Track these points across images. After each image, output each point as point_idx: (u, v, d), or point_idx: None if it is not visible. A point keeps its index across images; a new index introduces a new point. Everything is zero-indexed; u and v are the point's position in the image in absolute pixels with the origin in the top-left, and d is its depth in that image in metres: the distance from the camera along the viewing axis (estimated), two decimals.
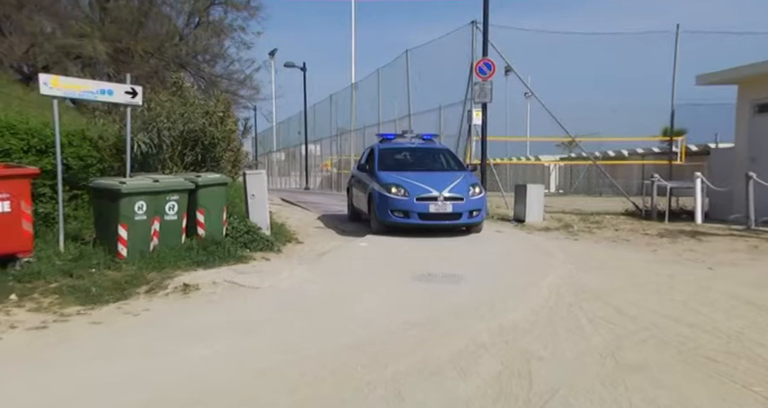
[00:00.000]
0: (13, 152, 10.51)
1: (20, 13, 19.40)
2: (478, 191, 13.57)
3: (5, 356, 6.07)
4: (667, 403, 4.68)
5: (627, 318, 7.13)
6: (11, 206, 8.77)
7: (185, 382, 5.35)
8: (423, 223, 12.91)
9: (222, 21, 23.52)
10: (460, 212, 12.95)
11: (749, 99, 17.60)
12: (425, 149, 16.30)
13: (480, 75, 18.28)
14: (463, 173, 14.30)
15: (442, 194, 12.88)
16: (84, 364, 5.82)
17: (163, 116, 12.03)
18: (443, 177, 13.85)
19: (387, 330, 6.77)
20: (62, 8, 21.02)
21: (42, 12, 20.15)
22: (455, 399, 4.76)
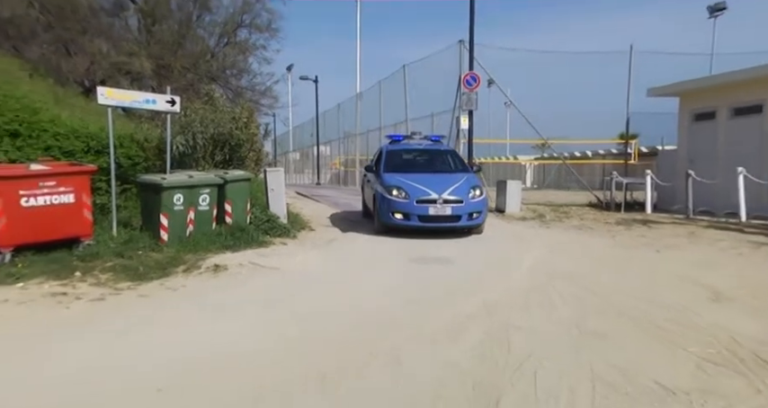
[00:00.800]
0: (76, 152, 10.56)
1: (83, 37, 19.63)
2: (479, 194, 11.93)
3: (72, 322, 6.23)
4: (622, 363, 4.78)
5: (590, 294, 7.23)
6: (75, 197, 8.87)
7: (217, 346, 5.46)
8: (422, 225, 11.48)
9: (247, 41, 23.64)
10: (460, 215, 11.47)
11: (689, 109, 17.84)
12: (431, 151, 14.44)
13: (467, 87, 18.30)
14: (466, 175, 12.68)
15: (441, 197, 11.44)
16: (134, 329, 5.96)
17: (197, 121, 12.11)
18: (446, 179, 12.26)
19: (388, 305, 6.85)
20: (116, 32, 21.19)
21: (100, 35, 20.33)
22: (446, 362, 4.86)
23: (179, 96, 11.03)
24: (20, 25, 18.64)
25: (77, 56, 19.82)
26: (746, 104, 15.83)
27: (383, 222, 12.00)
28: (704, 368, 4.69)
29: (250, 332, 5.89)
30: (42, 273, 7.91)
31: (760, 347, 5.17)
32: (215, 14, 23.29)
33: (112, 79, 17.89)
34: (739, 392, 4.24)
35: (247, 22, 23.43)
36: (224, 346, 5.45)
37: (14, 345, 5.51)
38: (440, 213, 11.37)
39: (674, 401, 4.09)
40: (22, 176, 8.55)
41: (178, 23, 22.08)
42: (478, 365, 4.76)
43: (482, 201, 11.95)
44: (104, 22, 21.37)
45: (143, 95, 10.95)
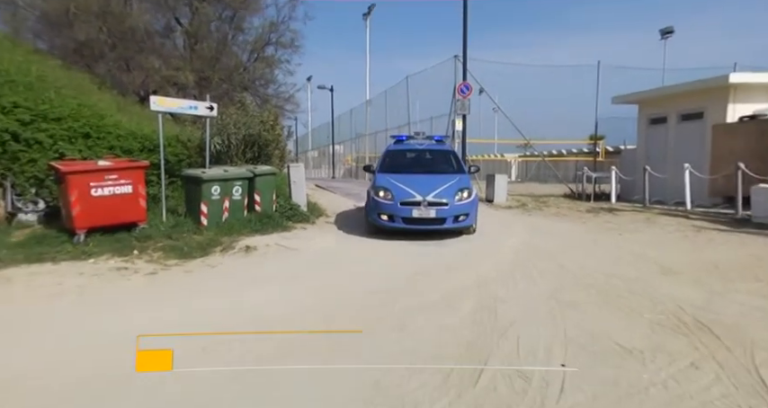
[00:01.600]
0: (133, 150, 10.59)
1: (140, 56, 19.78)
2: (466, 196, 9.85)
3: (132, 292, 6.37)
4: (590, 326, 4.86)
5: (564, 270, 7.27)
6: (132, 188, 8.92)
7: (251, 313, 5.55)
8: (406, 227, 9.58)
9: (273, 56, 23.53)
10: (444, 217, 9.51)
11: (645, 115, 17.80)
12: (431, 151, 12.13)
13: (461, 94, 18.23)
14: (458, 177, 10.50)
15: (426, 199, 9.47)
16: (183, 299, 6.07)
17: (231, 124, 12.11)
18: (436, 180, 10.14)
19: (394, 279, 6.89)
20: (166, 50, 21.28)
21: (153, 53, 20.42)
22: (443, 326, 4.92)
23: (216, 103, 11.06)
24: (92, 47, 18.87)
25: (135, 71, 19.93)
26: (691, 111, 15.85)
27: (371, 222, 10.24)
28: (655, 331, 4.75)
29: (278, 300, 5.99)
30: (108, 251, 8.04)
31: (699, 312, 5.24)
32: (247, 34, 23.32)
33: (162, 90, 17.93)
34: (682, 350, 4.31)
35: (274, 41, 23.38)
36: (257, 311, 5.55)
37: (91, 308, 5.71)
38: (423, 215, 9.48)
39: (630, 357, 4.15)
40: (92, 171, 8.63)
41: (216, 42, 22.06)
42: (471, 329, 4.81)
43: (470, 204, 9.84)
44: (157, 43, 21.42)
45: (187, 102, 10.97)
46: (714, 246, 9.05)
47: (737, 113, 14.47)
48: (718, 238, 9.75)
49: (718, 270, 7.24)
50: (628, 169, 17.57)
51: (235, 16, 22.42)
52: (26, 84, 10.20)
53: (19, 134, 9.29)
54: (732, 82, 14.34)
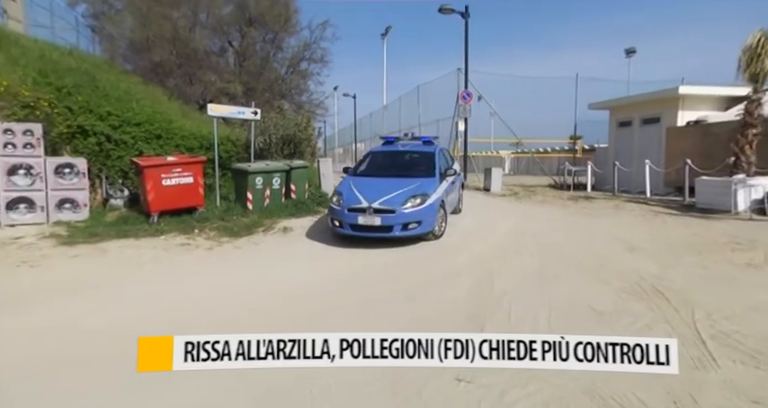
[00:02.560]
0: (194, 148, 10.65)
1: (200, 72, 19.95)
2: (419, 203, 7.42)
3: (194, 264, 6.43)
4: (569, 293, 4.86)
5: (548, 248, 7.16)
6: (193, 179, 9.03)
7: (289, 283, 5.62)
8: (354, 234, 7.40)
9: (306, 70, 23.43)
10: (391, 225, 7.22)
11: (615, 119, 17.48)
12: (411, 153, 9.43)
13: (463, 100, 18.03)
14: (421, 181, 7.98)
15: (371, 205, 7.29)
16: (235, 270, 6.17)
17: (271, 126, 12.12)
18: (396, 185, 7.80)
19: (401, 258, 6.80)
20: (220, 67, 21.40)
21: (210, 69, 20.52)
22: (446, 298, 4.90)
23: (260, 109, 11.11)
24: (164, 66, 19.09)
25: (196, 84, 20.01)
26: (650, 116, 15.62)
27: (331, 228, 7.94)
28: (621, 297, 4.72)
29: (311, 274, 6.01)
30: (175, 230, 8.15)
31: (657, 281, 5.20)
32: (285, 52, 23.22)
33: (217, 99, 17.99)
34: (641, 311, 4.31)
35: (307, 57, 23.27)
36: (294, 283, 5.58)
37: (165, 277, 5.81)
38: (368, 223, 7.27)
39: (601, 318, 4.14)
40: (163, 165, 8.74)
41: (260, 59, 22.04)
42: (469, 301, 4.77)
43: (422, 211, 7.40)
44: (213, 61, 21.46)
45: (236, 109, 10.99)
46: (667, 227, 8.93)
47: (686, 119, 14.43)
48: (669, 221, 9.62)
49: (671, 246, 7.16)
50: (601, 164, 17.32)
51: (275, 38, 22.35)
52: (117, 96, 10.32)
53: (111, 136, 9.44)
54: (681, 93, 14.29)
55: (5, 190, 7.82)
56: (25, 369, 3.26)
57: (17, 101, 8.45)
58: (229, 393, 2.88)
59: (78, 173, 8.49)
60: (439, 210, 7.70)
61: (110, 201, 9.36)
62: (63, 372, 3.20)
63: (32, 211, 8.00)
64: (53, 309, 4.50)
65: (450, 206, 8.90)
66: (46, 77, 9.33)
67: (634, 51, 33.38)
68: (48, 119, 8.60)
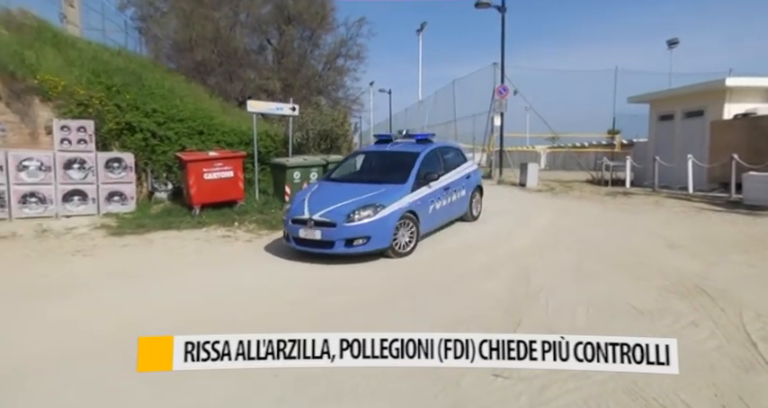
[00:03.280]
0: (234, 143, 10.81)
1: (240, 69, 20.42)
2: (367, 215, 6.02)
3: (235, 255, 6.58)
4: (608, 292, 4.68)
5: (586, 244, 6.94)
6: (233, 173, 9.18)
7: (322, 274, 5.64)
8: (298, 248, 6.21)
9: (343, 66, 23.50)
10: (332, 240, 5.93)
11: (656, 112, 16.80)
12: (395, 153, 7.77)
13: (499, 95, 17.72)
14: (386, 188, 6.58)
15: (312, 217, 6.07)
16: (274, 260, 6.26)
17: (309, 122, 12.21)
18: (356, 192, 6.48)
19: (442, 249, 6.77)
20: (259, 64, 21.76)
21: (250, 67, 20.90)
22: (483, 291, 4.83)
23: (298, 105, 11.20)
24: (206, 65, 19.63)
25: (236, 82, 20.42)
26: (694, 109, 14.93)
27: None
28: (662, 295, 4.54)
29: (343, 265, 6.00)
30: (216, 222, 8.31)
31: (700, 280, 4.96)
32: (322, 49, 23.36)
33: (256, 95, 18.24)
34: (684, 310, 4.12)
35: (343, 53, 23.35)
36: (328, 272, 5.64)
37: (207, 267, 5.94)
38: (309, 236, 6.06)
39: (642, 317, 3.99)
40: (204, 159, 8.93)
41: (298, 57, 22.23)
42: (507, 295, 4.68)
43: (371, 225, 6.00)
44: (252, 59, 21.83)
45: (275, 105, 11.12)
46: (711, 224, 8.51)
47: (732, 112, 13.68)
48: (714, 217, 9.17)
49: (715, 244, 6.82)
50: (640, 159, 16.70)
51: (312, 35, 22.52)
52: (161, 94, 10.59)
53: (156, 132, 9.70)
54: (728, 85, 13.57)
55: (62, 183, 8.17)
56: (79, 351, 3.39)
57: (73, 99, 8.79)
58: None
59: (126, 168, 8.78)
60: (406, 224, 6.30)
61: (155, 194, 9.65)
62: (111, 354, 3.30)
63: (85, 203, 8.33)
64: (104, 296, 4.67)
65: (441, 216, 7.38)
66: (98, 77, 9.67)
67: (676, 42, 31.72)
68: (99, 117, 8.92)
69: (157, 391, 2.76)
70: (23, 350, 3.44)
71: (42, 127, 8.48)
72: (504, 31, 17.67)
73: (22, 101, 8.31)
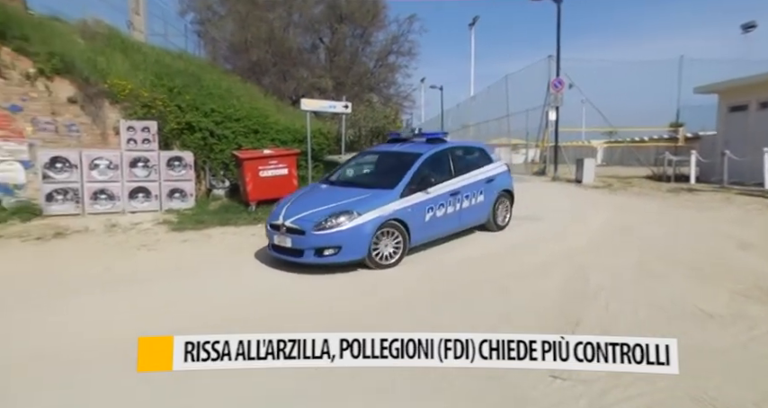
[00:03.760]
0: (288, 141, 11.02)
1: (293, 69, 20.95)
2: (338, 223, 5.43)
3: None
4: (673, 294, 4.42)
5: (647, 242, 6.63)
6: (287, 171, 9.38)
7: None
8: (274, 254, 5.80)
9: (394, 63, 23.59)
10: (302, 249, 5.44)
11: (726, 103, 15.72)
12: (399, 154, 6.89)
13: (554, 89, 17.18)
14: (372, 193, 5.90)
15: (285, 223, 5.64)
16: None
17: (361, 119, 12.28)
18: (340, 197, 5.90)
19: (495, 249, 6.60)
20: (312, 63, 22.24)
21: (303, 66, 21.35)
22: (539, 290, 4.69)
23: (350, 102, 11.27)
24: (261, 65, 20.29)
25: (289, 81, 20.92)
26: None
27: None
28: (734, 299, 4.24)
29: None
30: None
31: None
32: (373, 46, 23.52)
33: (309, 93, 18.62)
34: (761, 316, 3.82)
35: (395, 50, 23.39)
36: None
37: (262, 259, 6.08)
38: (281, 243, 5.66)
39: (712, 321, 3.74)
40: (260, 157, 9.18)
41: (350, 54, 22.49)
42: (563, 294, 4.53)
43: (341, 234, 5.41)
44: (305, 58, 22.29)
45: (328, 103, 11.23)
46: None
47: None
48: None
49: None
50: (707, 153, 15.68)
51: (364, 33, 22.71)
52: (219, 94, 10.98)
53: (214, 131, 10.06)
54: None
55: (128, 181, 8.63)
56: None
57: (138, 101, 9.26)
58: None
59: (186, 166, 9.16)
60: (390, 233, 5.65)
61: (212, 191, 10.01)
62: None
63: (148, 200, 8.77)
64: (164, 290, 4.89)
65: (444, 225, 6.52)
66: (161, 79, 10.13)
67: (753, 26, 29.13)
68: (161, 117, 9.35)
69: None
70: (99, 334, 3.65)
71: (111, 127, 8.99)
72: (559, 23, 17.15)
73: (94, 103, 8.83)
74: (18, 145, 8.06)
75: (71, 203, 8.14)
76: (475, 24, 36.77)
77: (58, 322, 3.95)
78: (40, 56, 8.17)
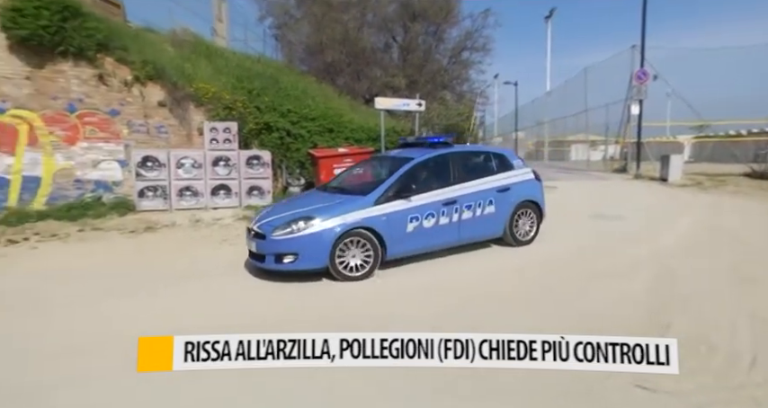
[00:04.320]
0: (361, 140, 11.24)
1: (367, 68, 21.31)
2: (296, 229, 5.01)
3: None
4: None
5: (743, 245, 6.05)
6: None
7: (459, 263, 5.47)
8: (249, 258, 5.51)
9: (468, 59, 23.15)
10: (264, 254, 5.12)
11: None
12: (388, 160, 6.47)
13: (638, 81, 16.13)
14: (345, 199, 5.52)
15: (253, 227, 5.39)
16: None
17: (434, 117, 12.20)
18: (314, 202, 5.55)
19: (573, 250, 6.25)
20: (385, 62, 22.43)
21: (376, 65, 21.59)
22: (623, 293, 4.36)
23: (423, 100, 11.19)
24: (335, 66, 20.82)
25: (363, 80, 21.23)
26: None
27: None
28: None
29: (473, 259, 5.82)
30: None
31: None
32: (447, 43, 23.25)
33: (381, 92, 18.76)
34: None
35: (469, 46, 22.96)
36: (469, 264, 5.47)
37: None
38: (250, 247, 5.38)
39: None
40: (335, 156, 9.38)
41: (423, 52, 22.37)
42: (649, 297, 4.19)
43: (298, 240, 4.99)
44: (378, 57, 22.50)
45: (401, 101, 11.27)
46: None
47: None
48: None
49: None
50: None
51: (437, 30, 22.52)
52: (295, 95, 11.35)
53: (290, 130, 10.41)
54: None
55: (210, 179, 9.11)
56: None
57: (220, 103, 9.76)
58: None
59: (264, 164, 9.51)
60: (358, 243, 5.14)
61: (288, 189, 10.33)
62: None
63: (229, 197, 9.19)
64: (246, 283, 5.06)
65: (436, 238, 5.73)
66: (241, 82, 10.61)
67: None
68: (241, 118, 9.78)
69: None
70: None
71: (195, 128, 9.53)
72: (645, 10, 16.02)
73: (181, 106, 9.41)
74: (116, 146, 8.75)
75: (160, 199, 8.73)
76: (551, 17, 35.37)
77: (164, 306, 4.26)
78: (136, 64, 8.81)
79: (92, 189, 8.59)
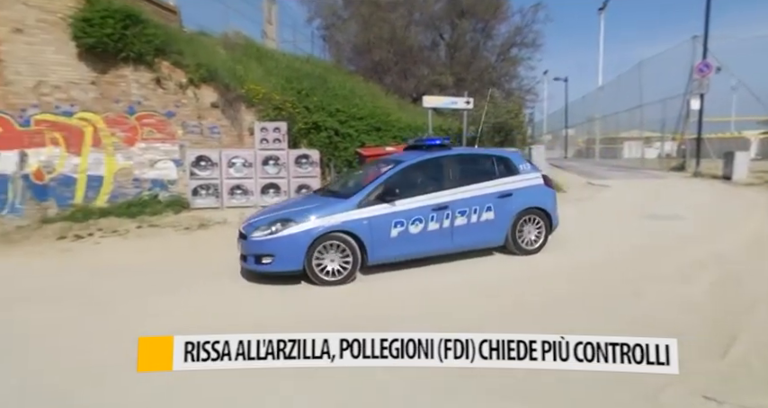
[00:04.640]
0: (408, 138, 11.00)
1: (414, 67, 21.25)
2: (274, 230, 4.98)
3: None
4: None
5: None
6: None
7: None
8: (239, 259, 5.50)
9: (517, 55, 22.57)
10: (245, 254, 5.18)
11: None
12: (383, 163, 6.16)
13: (699, 74, 15.17)
14: (326, 201, 5.43)
15: (240, 228, 5.47)
16: None
17: (483, 115, 11.94)
18: (301, 204, 5.57)
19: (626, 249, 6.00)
20: (432, 60, 22.28)
21: (423, 63, 21.48)
22: (678, 296, 4.12)
23: (471, 98, 11.00)
24: (382, 65, 20.87)
25: (410, 79, 21.13)
26: None
27: None
28: None
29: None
30: None
31: None
32: (495, 40, 22.73)
33: (429, 91, 18.59)
34: None
35: (518, 42, 22.37)
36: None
37: None
38: (238, 246, 5.41)
39: None
40: (383, 154, 9.25)
41: (470, 50, 22.00)
42: (712, 303, 3.91)
43: (275, 241, 4.94)
44: (426, 55, 22.30)
45: (449, 99, 11.14)
46: None
47: None
48: None
49: None
50: None
51: (486, 26, 22.06)
52: (343, 95, 11.41)
53: (338, 130, 10.47)
54: None
55: (260, 178, 9.27)
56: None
57: (270, 104, 9.91)
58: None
59: (312, 163, 9.59)
60: (336, 247, 5.01)
61: None
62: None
63: (278, 195, 9.33)
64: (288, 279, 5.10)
65: (426, 244, 5.47)
66: (290, 83, 10.74)
67: None
68: (290, 118, 9.90)
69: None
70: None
71: (246, 129, 9.72)
72: None
73: (233, 107, 9.62)
74: (171, 146, 9.05)
75: (212, 197, 8.97)
76: (604, 8, 33.99)
77: (197, 304, 4.34)
78: (190, 67, 9.07)
79: (149, 187, 8.93)
